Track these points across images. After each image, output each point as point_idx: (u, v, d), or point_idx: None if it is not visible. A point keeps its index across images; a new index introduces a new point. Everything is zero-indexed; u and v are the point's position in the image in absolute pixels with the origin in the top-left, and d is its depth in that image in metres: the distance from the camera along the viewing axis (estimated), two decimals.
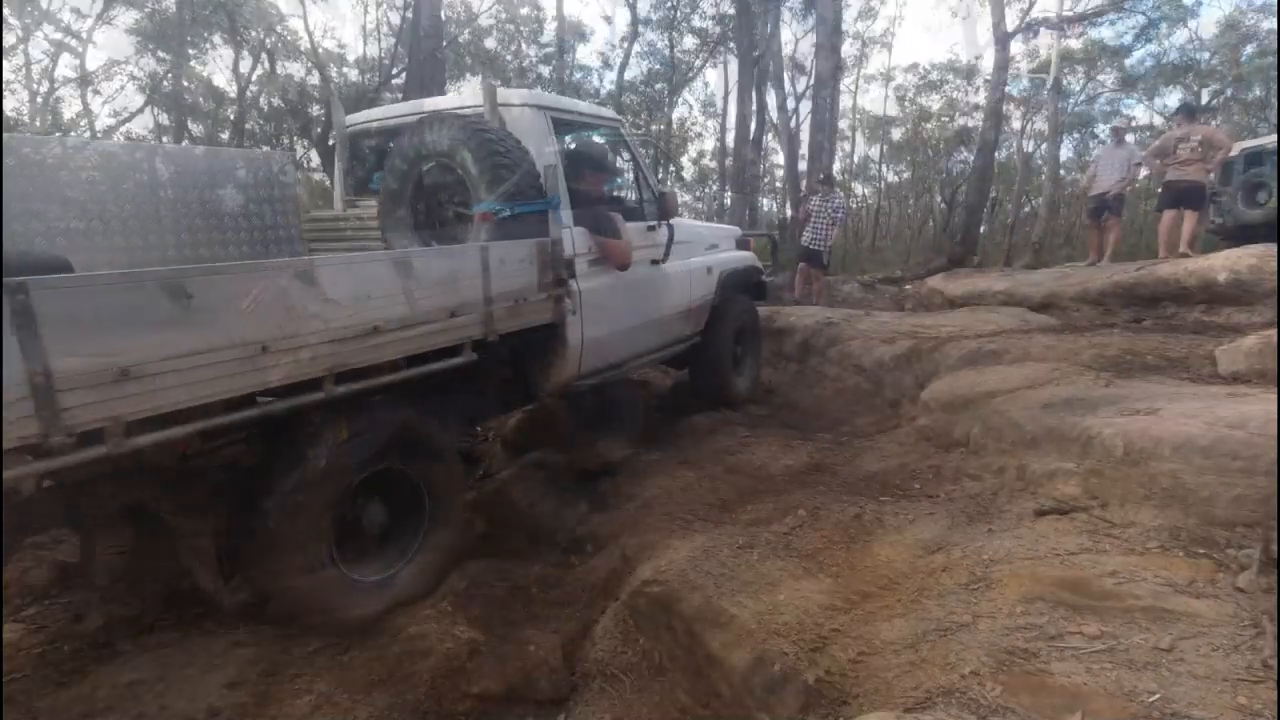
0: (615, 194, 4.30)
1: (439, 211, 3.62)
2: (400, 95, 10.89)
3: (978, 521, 3.00)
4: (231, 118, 16.82)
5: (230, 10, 14.63)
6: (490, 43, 23.87)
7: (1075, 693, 1.76)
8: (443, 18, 13.58)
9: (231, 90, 17.59)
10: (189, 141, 17.51)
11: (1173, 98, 29.88)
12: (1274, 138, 12.67)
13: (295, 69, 19.73)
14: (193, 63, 17.46)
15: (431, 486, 2.96)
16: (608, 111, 4.60)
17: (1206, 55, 28.49)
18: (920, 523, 3.04)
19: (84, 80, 17.61)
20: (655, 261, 4.33)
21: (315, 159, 18.90)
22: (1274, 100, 28.08)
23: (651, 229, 4.32)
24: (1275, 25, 28.12)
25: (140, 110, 19.19)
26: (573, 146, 3.92)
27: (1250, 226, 10.64)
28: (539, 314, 3.31)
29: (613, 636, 2.68)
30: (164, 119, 19.32)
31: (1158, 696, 1.69)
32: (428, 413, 2.93)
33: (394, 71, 16.07)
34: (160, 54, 17.44)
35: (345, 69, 20.48)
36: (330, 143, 15.96)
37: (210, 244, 3.64)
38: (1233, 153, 12.32)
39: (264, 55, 17.06)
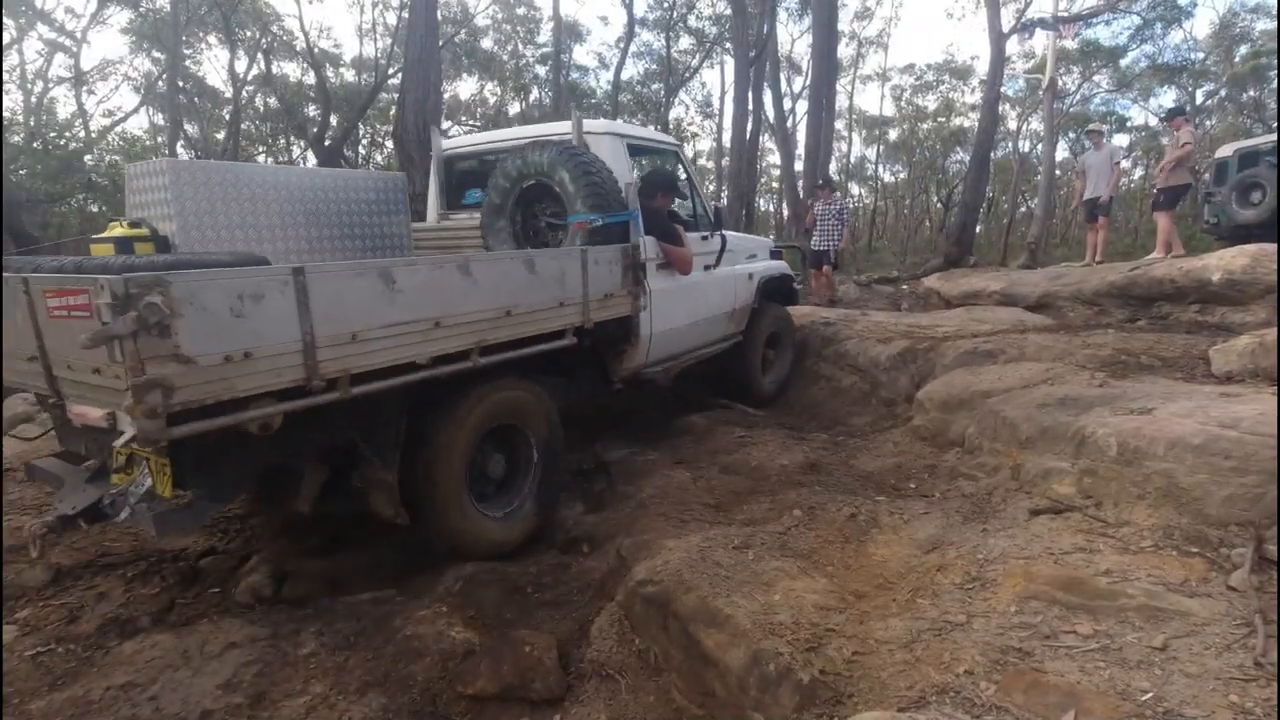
0: (677, 209, 4.80)
1: (533, 222, 4.21)
2: (396, 95, 10.89)
3: (973, 521, 3.01)
4: (227, 118, 16.78)
5: (225, 10, 14.60)
6: (487, 43, 23.89)
7: (1069, 691, 1.76)
8: (439, 18, 13.56)
9: (227, 91, 17.57)
10: (184, 141, 17.47)
11: (1167, 98, 29.99)
12: (1268, 138, 12.72)
13: (291, 69, 19.73)
14: (188, 63, 17.42)
15: (539, 441, 3.63)
16: (669, 137, 5.28)
17: (1201, 55, 28.63)
18: (916, 522, 3.05)
19: (78, 80, 17.55)
20: (708, 267, 4.87)
21: (311, 159, 18.89)
22: (1267, 101, 28.20)
23: (705, 238, 4.86)
24: (1268, 26, 28.25)
25: (135, 110, 19.17)
26: (644, 166, 4.59)
27: (1244, 226, 10.67)
28: (621, 308, 3.91)
29: (608, 636, 2.68)
30: (159, 119, 19.28)
31: (1150, 695, 1.70)
32: (538, 385, 3.63)
33: (390, 72, 16.05)
34: (155, 54, 17.41)
35: (341, 69, 20.46)
36: (326, 143, 15.96)
37: (345, 250, 4.36)
38: (1227, 153, 12.40)
39: (260, 55, 17.02)
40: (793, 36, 28.37)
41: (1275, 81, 27.71)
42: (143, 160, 4.20)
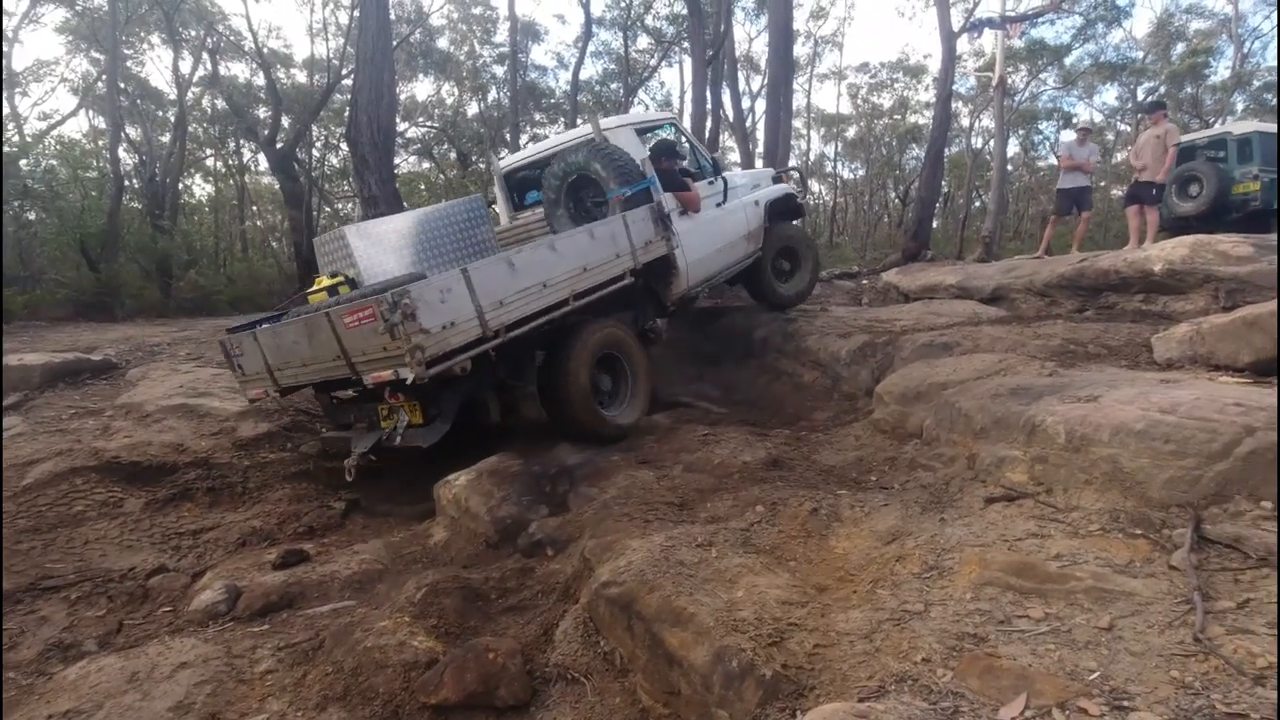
0: (682, 165, 6.05)
1: (582, 205, 5.60)
2: (349, 96, 10.67)
3: (931, 511, 3.06)
4: (172, 120, 16.23)
5: (167, 9, 14.12)
6: (443, 43, 23.55)
7: (1021, 674, 1.81)
8: (392, 17, 13.33)
9: (172, 92, 16.99)
10: (126, 145, 16.86)
11: (1110, 95, 31.04)
12: (1204, 134, 13.24)
13: (240, 70, 19.18)
14: (129, 64, 16.80)
15: (630, 362, 5.07)
16: (665, 114, 7.51)
17: (1140, 54, 29.69)
18: (876, 514, 3.09)
19: (10, 81, 16.80)
20: (719, 205, 6.13)
21: (263, 163, 18.41)
22: (1204, 97, 29.33)
23: (710, 183, 6.13)
24: (1202, 25, 29.43)
25: (73, 113, 18.42)
26: (652, 141, 5.94)
27: (1183, 218, 11.08)
28: (659, 249, 5.29)
29: (573, 640, 2.66)
30: (100, 122, 18.57)
31: (1098, 674, 1.75)
32: (620, 321, 5.09)
33: (344, 73, 15.72)
34: (94, 54, 16.76)
35: (293, 69, 19.96)
36: (278, 146, 15.56)
37: (458, 257, 5.75)
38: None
39: (206, 55, 16.50)
40: (750, 36, 28.61)
41: (1213, 78, 28.90)
42: (327, 231, 6.42)
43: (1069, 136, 11.11)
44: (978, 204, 29.22)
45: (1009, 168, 28.51)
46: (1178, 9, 29.17)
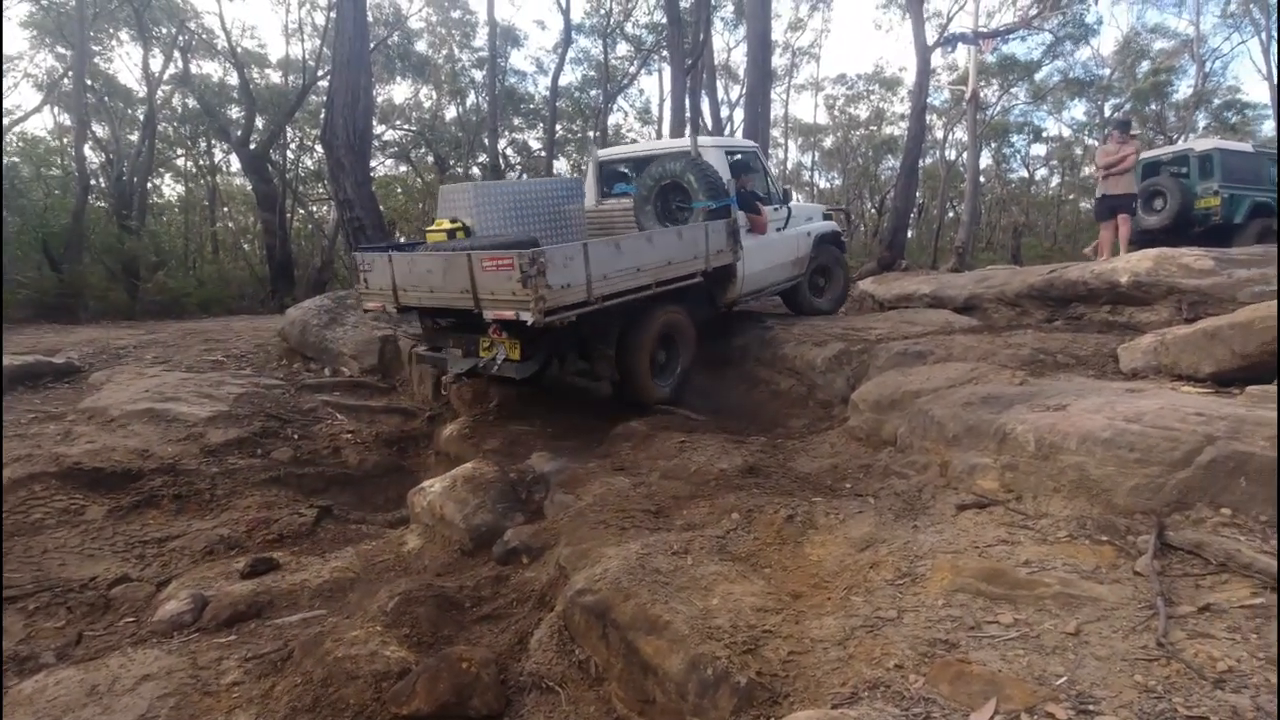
0: (755, 189, 6.85)
1: (668, 207, 6.27)
2: (325, 98, 10.55)
3: (904, 518, 3.10)
4: (141, 118, 15.89)
5: (137, 6, 13.85)
6: (421, 46, 23.39)
7: (991, 679, 1.83)
8: (370, 19, 13.22)
9: (141, 90, 16.65)
10: (93, 142, 16.49)
11: (1079, 110, 31.83)
12: (1168, 150, 13.62)
13: (213, 69, 18.87)
14: (97, 60, 16.45)
15: (683, 344, 5.94)
16: (750, 143, 8.48)
17: (1107, 71, 30.49)
18: (850, 521, 3.12)
19: None
20: (779, 229, 7.01)
21: (235, 164, 18.13)
22: (1167, 114, 30.20)
23: (776, 210, 6.97)
24: (1165, 45, 30.29)
25: (37, 109, 17.97)
26: (737, 160, 6.69)
27: (1149, 231, 11.38)
28: (727, 259, 6.10)
29: (548, 648, 2.64)
30: (65, 119, 18.13)
31: (1064, 679, 1.78)
32: (681, 308, 5.84)
33: (320, 74, 15.54)
34: (60, 50, 16.38)
35: (267, 70, 19.68)
36: (251, 147, 15.33)
37: (551, 227, 6.52)
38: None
39: (177, 53, 16.21)
40: (729, 45, 28.84)
41: (1176, 96, 29.76)
42: (452, 183, 7.29)
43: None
44: (951, 214, 29.72)
45: (981, 180, 29.03)
46: (1143, 28, 30.02)
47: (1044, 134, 33.31)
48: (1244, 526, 2.32)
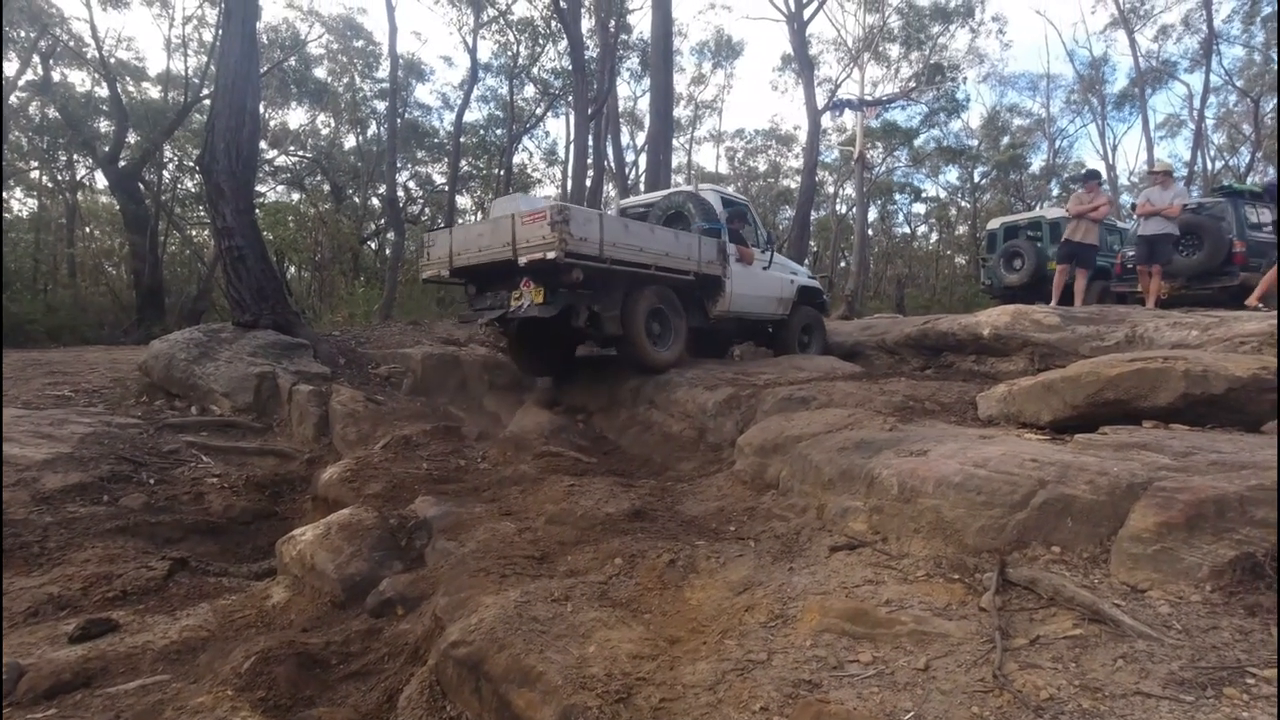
0: (744, 234, 8.38)
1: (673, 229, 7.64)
2: (206, 116, 9.97)
3: (781, 560, 3.20)
4: None
5: None
6: (321, 72, 22.74)
7: (847, 718, 1.90)
8: (265, 41, 12.72)
9: None
10: None
11: (953, 174, 34.97)
12: (1025, 215, 15.15)
13: (80, 78, 17.51)
14: None
15: (673, 317, 7.18)
16: (742, 197, 10.26)
17: (975, 142, 33.79)
18: (731, 564, 3.18)
19: None
20: (765, 268, 8.39)
21: (101, 181, 16.76)
22: (1026, 183, 33.71)
23: (762, 252, 8.45)
24: (1023, 122, 33.91)
25: None
26: (732, 208, 8.33)
27: (1010, 288, 12.57)
28: (715, 270, 7.49)
29: (418, 706, 2.51)
30: None
31: (912, 714, 1.88)
32: (676, 298, 7.21)
33: (204, 92, 14.73)
34: None
35: (145, 84, 18.45)
36: (121, 164, 14.23)
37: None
38: (994, 226, 14.61)
39: (37, 59, 14.93)
40: (635, 94, 29.85)
41: (1033, 167, 33.26)
42: (506, 195, 10.14)
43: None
44: (843, 264, 31.64)
45: (869, 233, 31.18)
46: (1003, 107, 33.65)
47: (923, 194, 36.39)
48: (1070, 563, 2.55)
